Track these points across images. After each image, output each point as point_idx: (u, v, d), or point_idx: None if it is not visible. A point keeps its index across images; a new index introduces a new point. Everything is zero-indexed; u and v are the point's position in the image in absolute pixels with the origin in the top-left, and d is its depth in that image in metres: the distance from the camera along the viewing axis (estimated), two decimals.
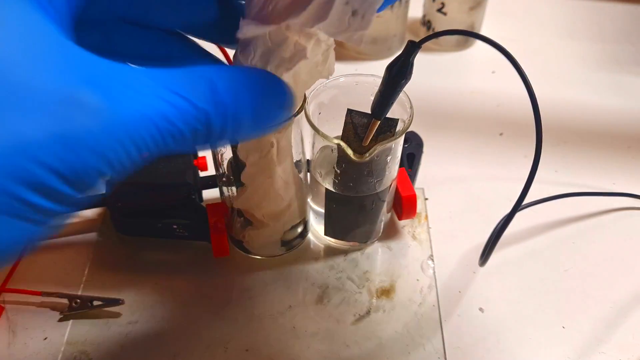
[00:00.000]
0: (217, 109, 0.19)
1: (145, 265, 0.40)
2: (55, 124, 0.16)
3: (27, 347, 0.35)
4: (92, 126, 0.16)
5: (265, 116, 0.21)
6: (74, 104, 0.16)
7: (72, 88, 0.16)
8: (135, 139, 0.17)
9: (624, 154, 0.49)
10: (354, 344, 0.35)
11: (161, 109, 0.18)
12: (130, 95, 0.17)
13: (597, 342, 0.36)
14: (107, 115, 0.16)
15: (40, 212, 0.16)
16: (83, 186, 0.17)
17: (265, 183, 0.33)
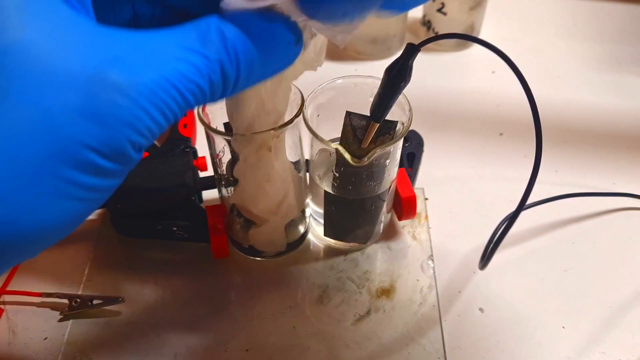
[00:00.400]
0: (229, 57, 0.19)
1: (145, 266, 0.40)
2: (84, 102, 0.17)
3: (27, 347, 0.35)
4: (118, 100, 0.17)
5: (277, 56, 0.21)
6: (99, 81, 0.17)
7: (96, 66, 0.17)
8: (159, 104, 0.18)
9: (624, 154, 0.49)
10: (354, 344, 0.35)
11: (178, 68, 0.18)
12: (148, 62, 0.18)
13: (597, 342, 0.36)
14: (130, 87, 0.17)
15: (88, 189, 0.17)
16: (120, 158, 0.18)
17: (258, 177, 0.32)
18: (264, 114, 0.29)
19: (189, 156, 0.42)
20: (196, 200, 0.39)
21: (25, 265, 0.39)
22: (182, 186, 0.39)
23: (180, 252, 0.40)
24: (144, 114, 0.18)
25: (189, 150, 0.43)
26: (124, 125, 0.17)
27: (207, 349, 0.35)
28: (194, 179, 0.40)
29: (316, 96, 0.35)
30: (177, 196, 0.39)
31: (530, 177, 0.30)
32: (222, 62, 0.19)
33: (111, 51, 0.17)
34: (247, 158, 0.32)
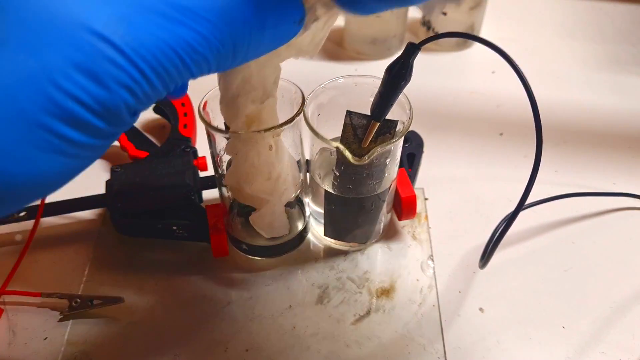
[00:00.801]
0: (242, 29, 0.19)
1: (145, 265, 0.40)
2: (78, 55, 0.16)
3: (27, 347, 0.35)
4: (119, 61, 0.17)
5: (280, 31, 0.21)
6: (103, 40, 0.16)
7: (103, 24, 0.16)
8: (161, 72, 0.18)
9: (624, 154, 0.49)
10: (354, 344, 0.35)
11: (185, 37, 0.18)
12: (155, 25, 0.17)
13: (597, 342, 0.36)
14: (133, 51, 0.17)
15: (76, 145, 0.17)
16: (114, 119, 0.17)
17: (250, 154, 0.32)
18: (249, 87, 0.29)
19: (189, 156, 0.42)
20: (196, 200, 0.39)
21: (25, 265, 0.39)
22: (182, 185, 0.39)
23: (180, 252, 0.40)
24: (143, 78, 0.17)
25: (189, 150, 0.43)
26: (121, 87, 0.17)
27: (207, 349, 0.35)
28: (194, 179, 0.40)
29: (317, 95, 0.35)
30: (177, 195, 0.39)
31: (530, 176, 0.30)
32: (233, 34, 0.19)
33: (120, 8, 0.17)
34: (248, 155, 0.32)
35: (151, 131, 0.50)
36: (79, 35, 0.16)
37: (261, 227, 0.37)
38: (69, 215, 0.42)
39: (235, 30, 0.19)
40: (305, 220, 0.40)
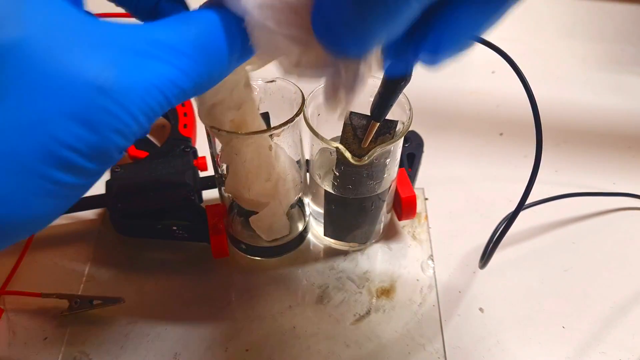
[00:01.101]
0: (219, 62, 0.20)
1: (145, 266, 0.40)
2: (73, 106, 0.17)
3: (27, 347, 0.35)
4: (112, 108, 0.17)
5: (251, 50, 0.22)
6: (96, 88, 0.17)
7: (95, 73, 0.17)
8: (148, 112, 0.18)
9: (624, 154, 0.49)
10: (354, 344, 0.35)
11: (169, 76, 0.19)
12: (143, 67, 0.18)
13: (597, 342, 0.36)
14: (125, 96, 0.17)
15: (67, 187, 0.18)
16: (104, 160, 0.18)
17: (250, 155, 0.32)
18: (221, 97, 0.29)
19: (189, 156, 0.42)
20: (196, 200, 0.39)
21: (25, 265, 0.39)
22: (182, 186, 0.39)
23: (180, 252, 0.40)
24: (134, 121, 0.18)
25: (189, 150, 0.43)
26: (114, 132, 0.18)
27: (207, 349, 0.35)
28: (194, 179, 0.40)
29: (317, 95, 0.35)
30: (177, 196, 0.39)
31: (530, 176, 0.30)
32: (210, 65, 0.20)
33: (109, 54, 0.17)
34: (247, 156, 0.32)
35: (151, 131, 0.50)
36: (73, 86, 0.17)
37: (261, 230, 0.37)
38: (68, 215, 0.42)
39: (211, 61, 0.20)
40: (306, 221, 0.40)
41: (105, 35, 0.18)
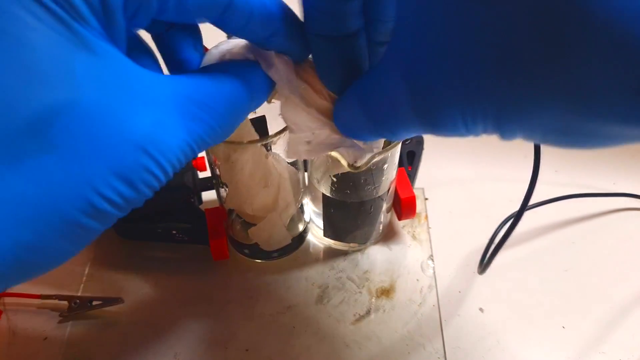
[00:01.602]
0: (242, 112, 0.22)
1: (145, 266, 0.40)
2: (118, 165, 0.17)
3: (27, 347, 0.35)
4: (148, 164, 0.18)
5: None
6: (136, 146, 0.18)
7: (135, 130, 0.18)
8: (175, 165, 0.19)
9: (624, 154, 0.49)
10: (354, 344, 0.35)
11: (197, 129, 0.20)
12: (178, 123, 0.19)
13: (597, 342, 0.36)
14: (159, 152, 0.18)
15: (91, 232, 0.18)
16: (129, 209, 0.19)
17: (248, 164, 0.32)
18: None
19: None
20: (195, 202, 0.39)
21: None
22: (181, 188, 0.39)
23: (180, 252, 0.40)
24: (165, 176, 0.19)
25: None
26: (147, 187, 0.19)
27: (207, 349, 0.35)
28: (194, 181, 0.40)
29: None
30: (176, 198, 0.39)
31: (530, 182, 0.30)
32: (233, 119, 0.21)
33: (155, 114, 0.18)
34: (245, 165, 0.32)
35: None
36: (121, 146, 0.17)
37: (261, 241, 0.37)
38: None
39: (238, 117, 0.21)
40: (305, 222, 0.40)
41: (152, 92, 0.18)
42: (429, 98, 0.17)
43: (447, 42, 0.16)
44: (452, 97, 0.17)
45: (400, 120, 0.19)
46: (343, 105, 0.23)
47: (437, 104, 0.17)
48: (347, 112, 0.22)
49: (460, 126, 0.17)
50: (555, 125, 0.16)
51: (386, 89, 0.19)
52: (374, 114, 0.21)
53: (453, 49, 0.16)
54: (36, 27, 0.15)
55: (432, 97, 0.17)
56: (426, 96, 0.18)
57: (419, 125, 0.19)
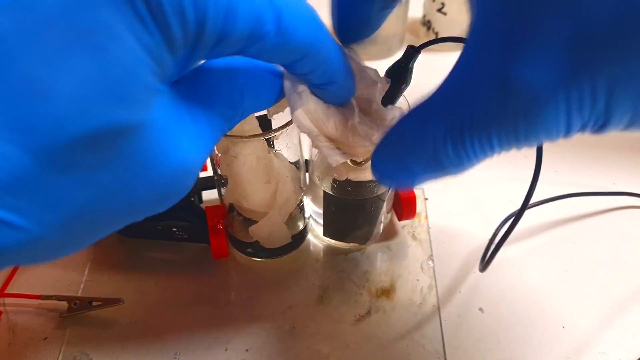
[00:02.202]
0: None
1: (145, 266, 0.40)
2: (164, 189, 0.19)
3: (27, 347, 0.35)
4: (184, 186, 0.20)
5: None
6: (182, 173, 0.19)
7: (184, 161, 0.19)
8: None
9: (625, 153, 0.49)
10: (354, 344, 0.35)
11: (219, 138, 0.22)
12: (213, 145, 0.21)
13: (597, 342, 0.36)
14: (196, 174, 0.20)
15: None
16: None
17: (249, 157, 0.32)
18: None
19: None
20: (196, 201, 0.39)
21: (25, 266, 0.39)
22: None
23: (180, 252, 0.40)
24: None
25: None
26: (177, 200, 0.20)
27: (207, 349, 0.35)
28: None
29: None
30: None
31: (531, 182, 0.30)
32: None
33: (199, 146, 0.20)
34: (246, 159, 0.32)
35: None
36: (170, 172, 0.19)
37: (261, 239, 0.37)
38: None
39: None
40: (305, 221, 0.40)
41: (198, 126, 0.20)
42: (529, 90, 0.16)
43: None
44: (555, 77, 0.15)
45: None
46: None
47: (539, 92, 0.15)
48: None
49: (561, 119, 0.16)
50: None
51: (476, 94, 0.17)
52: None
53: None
54: (132, 49, 0.15)
55: (534, 86, 0.15)
56: (525, 89, 0.16)
57: (512, 130, 0.17)
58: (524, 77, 0.15)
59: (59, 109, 0.14)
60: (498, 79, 0.16)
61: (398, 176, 0.22)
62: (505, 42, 0.16)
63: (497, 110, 0.17)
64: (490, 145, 0.18)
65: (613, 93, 0.15)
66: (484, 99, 0.17)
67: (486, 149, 0.18)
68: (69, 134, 0.15)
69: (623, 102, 0.15)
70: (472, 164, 0.19)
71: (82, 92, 0.15)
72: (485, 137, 0.17)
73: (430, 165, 0.20)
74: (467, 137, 0.18)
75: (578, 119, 0.16)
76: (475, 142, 0.18)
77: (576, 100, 0.15)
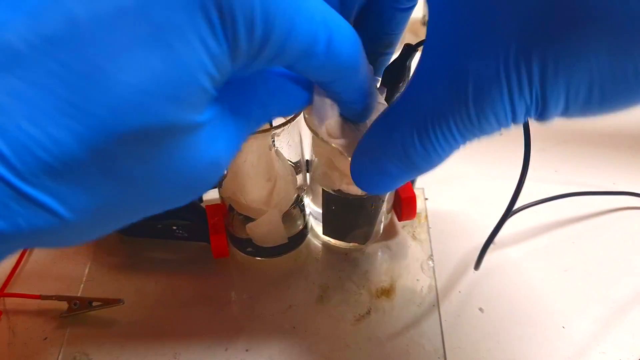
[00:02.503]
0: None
1: (145, 265, 0.40)
2: (191, 186, 0.19)
3: (27, 347, 0.35)
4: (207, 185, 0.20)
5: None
6: (209, 175, 0.20)
7: (210, 164, 0.19)
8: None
9: (625, 153, 0.49)
10: (354, 344, 0.35)
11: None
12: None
13: (597, 342, 0.36)
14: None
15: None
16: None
17: (250, 155, 0.32)
18: None
19: None
20: (196, 200, 0.39)
21: (25, 265, 0.39)
22: None
23: (180, 252, 0.40)
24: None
25: None
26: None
27: (207, 349, 0.35)
28: None
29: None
30: None
31: (520, 177, 0.30)
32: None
33: (232, 148, 0.20)
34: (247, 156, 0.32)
35: None
36: (200, 174, 0.19)
37: (257, 236, 0.37)
38: None
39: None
40: (305, 220, 0.40)
41: (232, 126, 0.20)
42: (476, 78, 0.18)
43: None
44: (497, 64, 0.17)
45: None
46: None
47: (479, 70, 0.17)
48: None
49: (506, 102, 0.18)
50: (604, 69, 0.16)
51: (432, 89, 0.19)
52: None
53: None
54: (198, 53, 0.15)
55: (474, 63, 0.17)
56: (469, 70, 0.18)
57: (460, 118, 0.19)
58: (472, 67, 0.18)
59: (118, 101, 0.15)
60: (451, 71, 0.18)
61: (375, 179, 0.23)
62: (457, 38, 0.18)
63: (452, 99, 0.18)
64: (452, 134, 0.20)
65: (546, 73, 0.17)
66: (441, 91, 0.19)
67: (449, 138, 0.20)
68: (123, 127, 0.15)
69: (555, 81, 0.17)
70: (441, 157, 0.21)
71: (145, 88, 0.15)
72: (445, 127, 0.19)
73: (403, 162, 0.21)
74: (431, 129, 0.20)
75: (520, 101, 0.18)
76: (438, 133, 0.20)
77: (515, 83, 0.17)
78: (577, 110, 0.18)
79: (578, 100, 0.17)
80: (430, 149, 0.21)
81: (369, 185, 0.24)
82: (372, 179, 0.23)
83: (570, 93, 0.17)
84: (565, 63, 0.16)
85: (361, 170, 0.23)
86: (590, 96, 0.17)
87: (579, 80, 0.16)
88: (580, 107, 0.17)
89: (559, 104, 0.17)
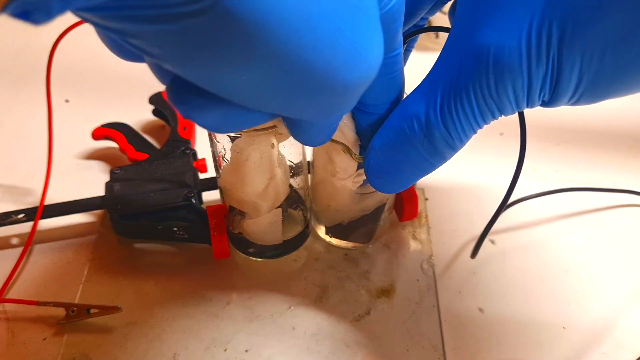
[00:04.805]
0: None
1: (144, 266, 0.40)
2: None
3: (26, 347, 0.35)
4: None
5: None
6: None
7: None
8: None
9: (625, 153, 0.49)
10: (354, 344, 0.35)
11: None
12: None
13: (597, 342, 0.36)
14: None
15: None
16: None
17: (253, 153, 0.32)
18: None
19: (189, 157, 0.42)
20: (196, 201, 0.39)
21: (24, 267, 0.39)
22: (182, 186, 0.39)
23: (180, 253, 0.40)
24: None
25: (189, 152, 0.43)
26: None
27: (207, 349, 0.35)
28: (194, 180, 0.40)
29: None
30: (177, 196, 0.39)
31: (515, 170, 0.30)
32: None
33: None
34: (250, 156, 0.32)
35: (150, 133, 0.50)
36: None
37: (253, 233, 0.37)
38: (67, 217, 0.42)
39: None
40: (306, 220, 0.40)
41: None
42: (496, 49, 0.19)
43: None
44: (517, 35, 0.18)
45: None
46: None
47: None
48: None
49: (524, 70, 0.19)
50: (616, 31, 0.17)
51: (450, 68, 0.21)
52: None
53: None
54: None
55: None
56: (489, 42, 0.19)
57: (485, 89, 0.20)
58: (494, 38, 0.19)
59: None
60: (474, 42, 0.20)
61: (393, 173, 0.24)
62: (482, 11, 0.20)
63: (473, 69, 0.20)
64: (471, 108, 0.20)
65: (563, 41, 0.18)
66: (463, 63, 0.20)
67: (468, 114, 0.21)
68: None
69: (571, 49, 0.18)
70: (461, 139, 0.22)
71: None
72: (466, 98, 0.20)
73: (424, 147, 0.23)
74: (452, 101, 0.21)
75: (538, 70, 0.19)
76: (459, 105, 0.21)
77: (535, 50, 0.18)
78: (587, 87, 0.19)
79: (591, 69, 0.18)
80: (450, 126, 0.21)
81: (386, 183, 0.25)
82: (390, 174, 0.24)
83: (584, 60, 0.18)
84: (582, 31, 0.17)
85: (380, 163, 0.24)
86: (602, 64, 0.18)
87: (594, 45, 0.18)
88: (592, 80, 0.19)
89: (573, 75, 0.19)
